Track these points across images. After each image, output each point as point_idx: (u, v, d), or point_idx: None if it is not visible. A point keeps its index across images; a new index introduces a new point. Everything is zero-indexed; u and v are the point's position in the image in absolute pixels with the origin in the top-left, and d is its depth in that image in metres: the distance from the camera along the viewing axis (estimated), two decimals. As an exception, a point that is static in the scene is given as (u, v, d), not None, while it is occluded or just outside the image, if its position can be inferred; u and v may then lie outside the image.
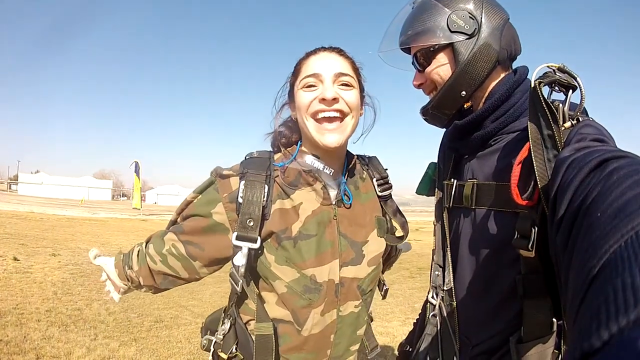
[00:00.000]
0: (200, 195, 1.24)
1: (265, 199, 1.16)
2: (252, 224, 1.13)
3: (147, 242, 1.35)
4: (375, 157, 1.49)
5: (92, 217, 21.66)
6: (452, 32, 1.11)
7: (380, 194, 1.40)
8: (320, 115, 1.17)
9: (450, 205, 1.25)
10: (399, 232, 1.44)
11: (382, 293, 1.47)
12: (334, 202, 1.26)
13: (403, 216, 1.45)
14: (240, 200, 1.16)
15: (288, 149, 1.31)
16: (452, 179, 1.26)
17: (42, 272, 7.36)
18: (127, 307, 5.67)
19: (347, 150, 1.36)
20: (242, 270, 1.14)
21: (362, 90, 1.29)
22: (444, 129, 1.33)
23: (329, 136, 1.17)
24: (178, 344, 4.45)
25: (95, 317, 5.15)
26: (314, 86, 1.18)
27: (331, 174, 1.26)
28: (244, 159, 1.25)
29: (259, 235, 1.14)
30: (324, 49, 1.24)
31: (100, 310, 5.45)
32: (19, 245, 9.90)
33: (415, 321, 1.49)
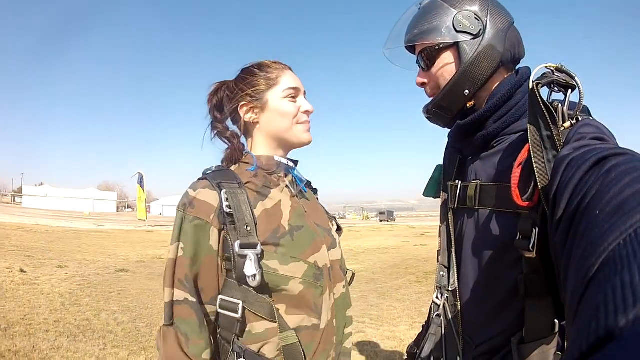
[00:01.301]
0: (180, 243, 1.13)
1: (248, 204, 1.16)
2: (249, 228, 1.12)
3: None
4: None
5: (98, 229, 21.67)
6: (457, 31, 1.13)
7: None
8: (305, 123, 1.33)
9: (455, 206, 1.26)
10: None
11: (348, 279, 1.44)
12: (296, 196, 1.32)
13: (330, 213, 1.51)
14: (227, 210, 1.12)
15: (243, 159, 1.31)
16: (457, 180, 1.27)
17: (50, 284, 7.36)
18: (135, 317, 5.68)
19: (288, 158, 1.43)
20: (258, 278, 1.06)
21: None
22: (448, 130, 1.32)
23: (308, 134, 1.35)
24: (187, 352, 4.41)
25: (104, 327, 5.15)
26: (295, 97, 1.32)
27: (289, 166, 1.36)
28: (204, 174, 1.22)
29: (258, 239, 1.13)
30: (288, 67, 1.36)
31: (109, 320, 5.45)
32: (25, 257, 9.91)
33: (423, 324, 1.49)
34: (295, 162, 1.42)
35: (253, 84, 1.30)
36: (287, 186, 1.30)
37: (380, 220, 61.91)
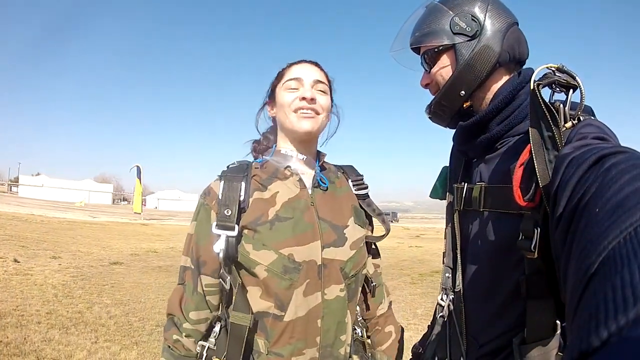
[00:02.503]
0: (196, 222, 1.34)
1: (242, 193, 1.29)
2: (229, 213, 1.24)
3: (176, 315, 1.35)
4: (351, 165, 1.63)
5: (93, 220, 21.62)
6: (454, 33, 1.14)
7: (357, 192, 1.50)
8: (300, 112, 1.32)
9: (461, 208, 1.27)
10: (378, 231, 1.55)
11: (370, 290, 1.53)
12: (309, 189, 1.36)
13: (382, 213, 1.55)
14: (220, 197, 1.28)
15: (265, 153, 1.47)
16: (463, 182, 1.28)
17: (43, 275, 7.35)
18: (127, 311, 5.67)
19: (318, 150, 1.50)
20: (221, 255, 1.23)
21: (331, 99, 1.45)
22: (449, 131, 1.35)
23: (305, 122, 1.32)
24: (179, 348, 4.39)
25: (96, 320, 5.14)
26: (295, 88, 1.35)
27: (304, 159, 1.40)
28: (225, 168, 1.39)
29: (237, 224, 1.23)
30: (304, 60, 1.42)
31: (101, 313, 5.44)
32: (20, 247, 9.89)
33: (429, 324, 1.48)
34: (319, 155, 1.48)
35: (272, 83, 1.44)
36: (300, 179, 1.36)
37: None
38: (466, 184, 1.25)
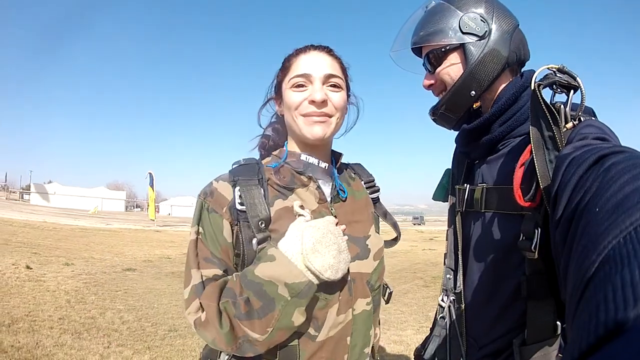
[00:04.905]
0: (200, 227, 1.14)
1: (264, 200, 1.14)
2: (263, 225, 1.09)
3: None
4: (359, 163, 1.50)
5: (106, 227, 21.78)
6: (463, 33, 1.15)
7: (369, 196, 1.40)
8: (309, 117, 1.18)
9: (463, 209, 1.28)
10: (389, 236, 1.41)
11: (386, 297, 1.40)
12: (329, 200, 1.24)
13: (393, 217, 1.44)
14: (239, 207, 1.11)
15: (275, 152, 1.30)
16: (465, 184, 1.29)
17: (55, 281, 7.36)
18: (140, 317, 5.65)
19: (333, 150, 1.35)
20: None
21: (347, 89, 1.30)
22: (456, 132, 1.34)
23: (316, 127, 1.17)
24: (192, 352, 4.39)
25: (109, 325, 5.11)
26: (303, 86, 1.18)
27: (326, 167, 1.26)
28: (231, 167, 1.22)
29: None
30: (314, 47, 1.24)
31: (114, 319, 5.42)
32: (32, 254, 9.96)
33: (431, 327, 1.50)
34: (334, 155, 1.35)
35: (277, 75, 1.28)
36: (317, 187, 1.22)
37: (414, 224, 66.12)
38: (468, 186, 1.27)
